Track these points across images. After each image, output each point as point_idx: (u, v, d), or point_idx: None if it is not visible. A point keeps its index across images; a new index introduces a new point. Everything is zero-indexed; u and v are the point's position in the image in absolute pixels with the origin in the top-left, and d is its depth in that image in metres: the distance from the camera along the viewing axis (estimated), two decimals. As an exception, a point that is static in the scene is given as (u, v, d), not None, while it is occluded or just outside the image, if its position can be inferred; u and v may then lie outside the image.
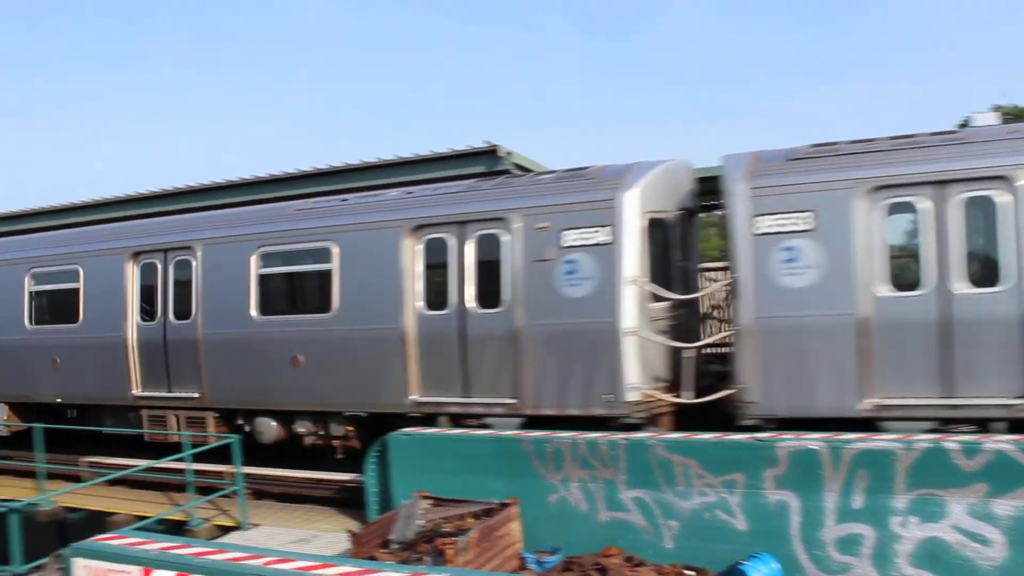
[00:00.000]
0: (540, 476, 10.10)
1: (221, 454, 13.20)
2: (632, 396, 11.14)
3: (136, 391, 15.40)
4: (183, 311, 14.81)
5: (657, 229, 11.92)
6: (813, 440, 8.99)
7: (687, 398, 11.20)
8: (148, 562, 7.44)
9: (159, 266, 15.22)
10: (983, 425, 9.86)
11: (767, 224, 10.64)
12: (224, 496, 12.83)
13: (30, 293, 16.94)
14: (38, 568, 10.35)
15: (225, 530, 12.19)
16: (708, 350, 12.03)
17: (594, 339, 11.35)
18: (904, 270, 10.50)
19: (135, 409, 15.51)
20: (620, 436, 9.91)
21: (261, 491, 13.55)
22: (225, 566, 7.08)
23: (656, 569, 9.26)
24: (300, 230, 13.77)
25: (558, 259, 11.61)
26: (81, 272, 16.13)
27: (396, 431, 11.36)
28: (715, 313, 14.49)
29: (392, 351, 12.70)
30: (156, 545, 7.83)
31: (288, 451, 14.45)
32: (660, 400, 11.33)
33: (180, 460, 12.70)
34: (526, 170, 14.55)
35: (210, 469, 13.54)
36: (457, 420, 12.46)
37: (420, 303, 12.63)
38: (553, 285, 11.65)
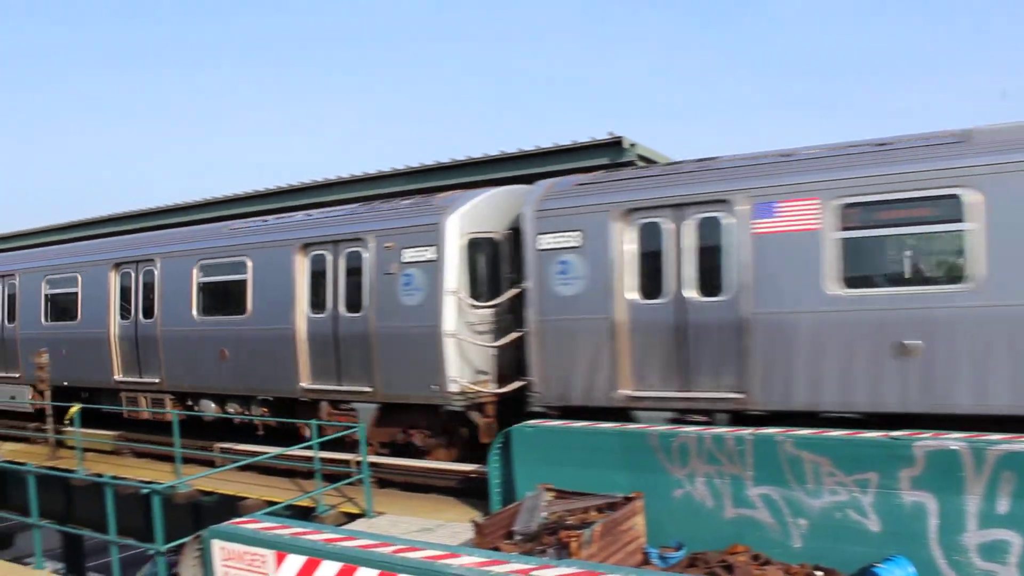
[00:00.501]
0: (665, 471, 9.95)
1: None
2: (453, 387, 13.40)
3: (117, 376, 18.83)
4: (149, 312, 18.09)
5: (482, 247, 14.01)
6: (953, 440, 8.58)
7: (492, 388, 13.51)
8: (282, 546, 7.63)
9: (132, 274, 18.57)
10: (711, 415, 11.51)
11: (547, 241, 12.68)
12: (350, 484, 13.12)
13: (45, 296, 20.74)
14: (179, 547, 10.78)
15: (351, 517, 12.42)
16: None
17: (424, 340, 13.63)
18: (650, 280, 12.02)
19: (117, 392, 18.90)
20: (747, 431, 9.68)
21: (385, 480, 13.78)
22: (355, 552, 7.19)
23: (784, 568, 9.03)
24: (226, 247, 16.89)
25: (399, 273, 14.00)
26: (79, 279, 19.77)
27: (520, 424, 11.40)
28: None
29: (287, 347, 15.39)
30: (288, 530, 8.04)
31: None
32: (476, 390, 13.45)
33: (308, 448, 13.03)
34: (650, 161, 14.41)
35: (336, 457, 13.85)
36: (334, 404, 15.11)
37: (307, 307, 15.26)
38: (396, 294, 14.02)
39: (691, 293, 11.68)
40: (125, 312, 18.75)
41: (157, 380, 17.95)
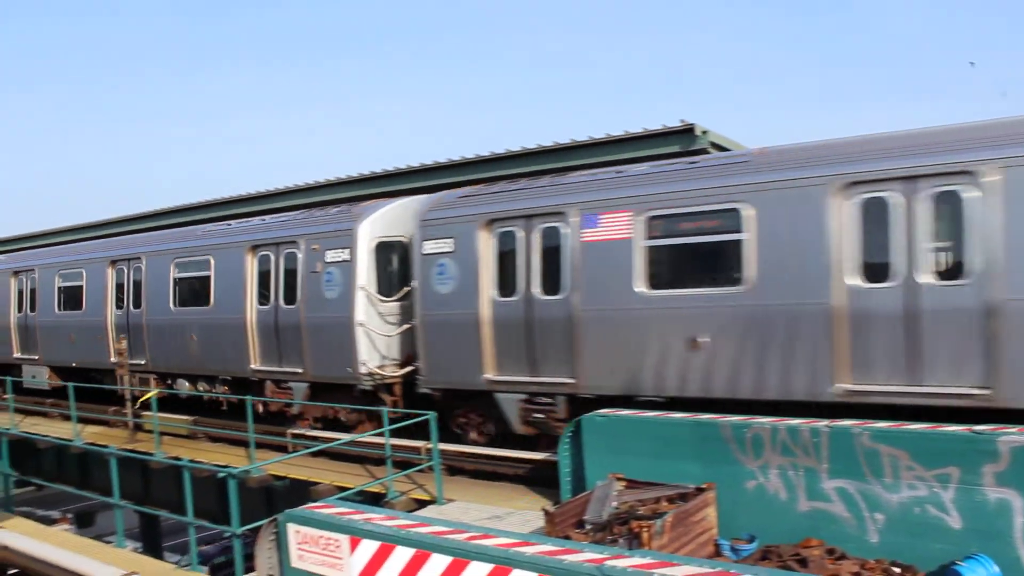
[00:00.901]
0: (738, 462, 9.80)
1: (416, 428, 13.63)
2: (362, 369, 15.68)
3: (113, 359, 21.31)
4: (138, 303, 20.81)
5: (392, 249, 16.30)
6: (1040, 435, 8.33)
7: (393, 372, 15.71)
8: (356, 531, 7.72)
9: (125, 270, 21.43)
10: (553, 398, 13.34)
11: (429, 247, 14.79)
12: (420, 471, 13.22)
13: (59, 288, 23.83)
14: (254, 530, 10.95)
15: (421, 504, 12.53)
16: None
17: (341, 328, 15.93)
18: (508, 280, 13.91)
19: (112, 371, 21.21)
20: (823, 423, 9.50)
21: (455, 467, 13.87)
22: (428, 539, 7.25)
23: (860, 563, 8.84)
24: (195, 247, 19.55)
25: (322, 271, 16.34)
26: (84, 274, 22.84)
27: (591, 412, 11.34)
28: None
29: (241, 333, 17.98)
30: (362, 515, 8.13)
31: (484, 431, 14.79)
32: (381, 373, 15.66)
33: (379, 435, 13.16)
34: (723, 148, 14.21)
35: (407, 444, 13.96)
36: (277, 384, 17.64)
37: (255, 300, 17.78)
38: (320, 289, 16.36)
39: (537, 292, 13.53)
40: (120, 303, 21.65)
41: (143, 362, 20.67)
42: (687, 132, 13.96)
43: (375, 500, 12.57)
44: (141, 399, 18.68)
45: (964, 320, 10.15)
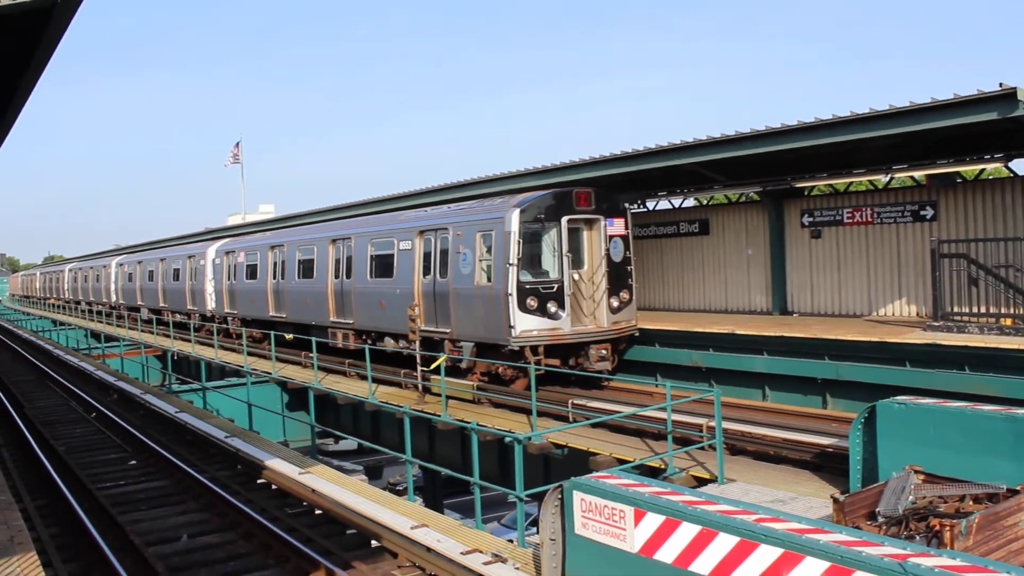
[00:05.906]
0: (1061, 463, 8.87)
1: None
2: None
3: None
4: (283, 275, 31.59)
5: None
6: None
7: None
8: (641, 504, 7.70)
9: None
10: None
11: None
12: (700, 448, 13.01)
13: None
14: (538, 495, 11.24)
15: (700, 481, 12.33)
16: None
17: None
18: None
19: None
20: None
21: (736, 447, 13.54)
22: (716, 517, 7.10)
23: None
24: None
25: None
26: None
27: (887, 399, 10.65)
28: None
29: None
30: (647, 489, 8.09)
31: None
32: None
33: (661, 410, 13.07)
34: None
35: (688, 421, 13.79)
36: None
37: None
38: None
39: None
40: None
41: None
42: (1006, 97, 12.62)
43: (652, 474, 12.49)
44: (434, 364, 19.46)
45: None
